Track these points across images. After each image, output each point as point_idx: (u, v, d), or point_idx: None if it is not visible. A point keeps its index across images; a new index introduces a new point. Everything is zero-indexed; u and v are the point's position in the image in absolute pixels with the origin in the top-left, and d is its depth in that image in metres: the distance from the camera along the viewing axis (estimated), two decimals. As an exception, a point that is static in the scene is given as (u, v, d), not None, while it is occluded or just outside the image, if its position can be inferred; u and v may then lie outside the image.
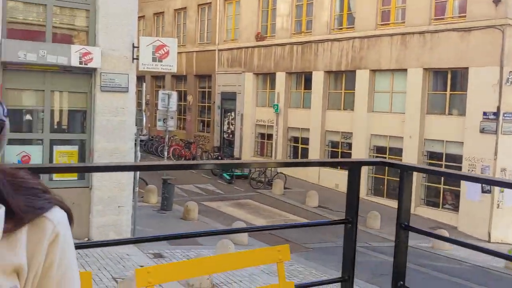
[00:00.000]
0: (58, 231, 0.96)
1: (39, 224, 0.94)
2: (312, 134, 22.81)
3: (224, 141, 27.51)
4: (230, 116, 27.19)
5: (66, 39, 11.30)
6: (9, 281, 0.89)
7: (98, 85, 10.78)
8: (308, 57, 23.10)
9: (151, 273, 2.02)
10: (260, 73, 25.72)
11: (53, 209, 0.97)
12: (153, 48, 11.37)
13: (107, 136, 10.90)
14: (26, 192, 0.95)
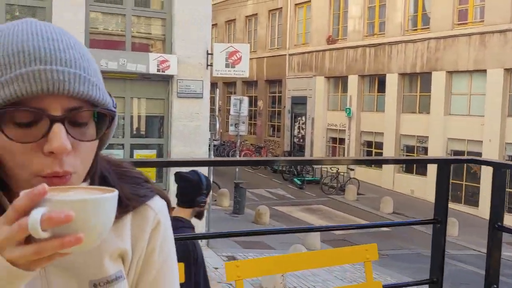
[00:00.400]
0: (159, 218, 0.98)
1: (142, 212, 0.96)
2: (386, 138, 22.28)
3: (295, 146, 27.44)
4: (301, 120, 27.10)
5: (144, 48, 11.74)
6: (115, 265, 0.92)
7: (174, 91, 11.11)
8: (381, 59, 22.63)
9: (240, 267, 2.04)
10: (331, 77, 25.48)
11: (155, 198, 0.99)
12: (226, 54, 11.57)
13: (183, 141, 11.19)
14: (130, 181, 0.98)
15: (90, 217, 0.69)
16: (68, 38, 0.81)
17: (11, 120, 0.77)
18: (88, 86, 0.79)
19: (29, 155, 0.77)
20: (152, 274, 0.97)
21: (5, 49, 0.78)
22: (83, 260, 0.88)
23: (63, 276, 0.87)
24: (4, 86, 0.75)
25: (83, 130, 0.82)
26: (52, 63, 0.76)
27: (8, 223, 0.68)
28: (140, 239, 0.95)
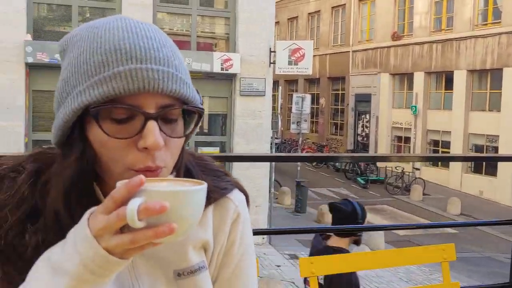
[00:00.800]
0: (240, 211, 1.00)
1: (223, 204, 0.99)
2: (453, 137, 21.47)
3: (358, 144, 26.99)
4: (365, 118, 26.62)
5: (208, 47, 11.89)
6: (198, 256, 0.95)
7: (237, 89, 11.18)
8: (449, 55, 21.83)
9: (314, 263, 2.01)
10: (396, 74, 24.86)
11: (234, 190, 1.02)
12: (289, 52, 11.52)
13: (246, 138, 11.25)
14: (211, 173, 1.01)
15: (183, 208, 0.72)
16: (160, 36, 0.85)
17: (108, 116, 0.80)
18: (180, 84, 0.82)
19: (124, 150, 0.81)
20: (231, 268, 0.99)
21: (102, 46, 0.80)
22: (168, 250, 0.91)
23: (149, 265, 0.91)
24: (103, 83, 0.78)
25: (173, 127, 0.85)
26: (147, 61, 0.79)
27: (105, 212, 0.72)
28: (221, 231, 0.98)
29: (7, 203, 0.85)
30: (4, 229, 0.84)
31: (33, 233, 0.84)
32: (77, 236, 0.74)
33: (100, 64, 0.80)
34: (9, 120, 10.37)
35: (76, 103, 0.81)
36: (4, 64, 10.28)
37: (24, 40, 10.29)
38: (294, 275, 9.23)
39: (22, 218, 0.84)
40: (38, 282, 0.75)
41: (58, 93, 0.87)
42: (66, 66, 0.86)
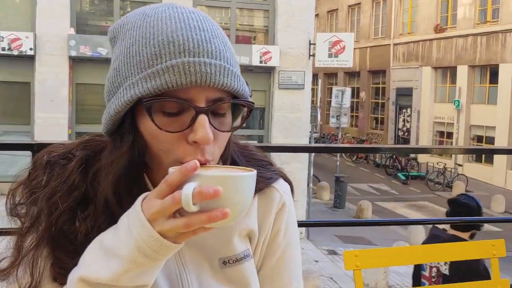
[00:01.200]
0: (285, 200, 1.01)
1: (268, 193, 1.00)
2: (498, 132, 20.79)
3: (399, 139, 26.51)
4: (406, 112, 26.11)
5: (247, 40, 11.86)
6: (243, 244, 0.96)
7: (276, 83, 11.11)
8: (494, 48, 21.13)
9: (358, 256, 1.95)
10: (439, 67, 24.26)
11: (279, 180, 1.02)
12: (329, 44, 11.36)
13: (284, 132, 11.18)
14: (256, 163, 1.01)
15: (235, 193, 0.73)
16: (212, 26, 0.84)
17: (160, 109, 0.81)
18: (231, 78, 0.82)
19: (174, 143, 0.82)
20: (275, 257, 1.00)
21: (155, 37, 0.80)
22: (214, 238, 0.93)
23: (194, 253, 0.92)
24: (156, 76, 0.79)
25: (222, 120, 0.85)
26: (200, 54, 0.79)
27: (159, 197, 0.73)
28: (266, 220, 0.99)
29: (58, 190, 0.87)
30: (55, 216, 0.85)
31: (83, 219, 0.85)
32: (130, 220, 0.75)
33: (153, 56, 0.80)
34: (53, 112, 10.63)
35: (129, 94, 0.81)
36: (48, 58, 10.53)
37: (67, 34, 10.50)
38: (333, 270, 9.13)
39: (72, 205, 0.86)
40: (91, 266, 0.77)
41: (109, 83, 0.87)
42: (118, 55, 0.85)
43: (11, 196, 0.91)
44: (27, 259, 0.85)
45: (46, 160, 0.91)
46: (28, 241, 0.87)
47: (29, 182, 0.91)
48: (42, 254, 0.86)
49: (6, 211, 0.91)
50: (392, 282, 8.91)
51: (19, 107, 11.15)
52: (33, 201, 0.88)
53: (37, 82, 10.60)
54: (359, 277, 1.98)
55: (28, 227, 0.87)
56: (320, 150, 5.90)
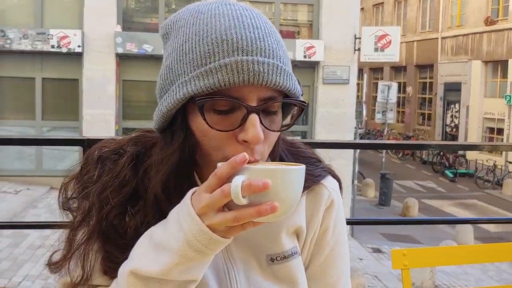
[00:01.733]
0: (333, 197, 1.00)
1: (316, 190, 0.99)
2: (553, 128, 19.97)
3: (447, 136, 25.85)
4: (454, 108, 25.40)
5: (290, 35, 11.78)
6: (291, 241, 0.95)
7: (320, 78, 10.99)
8: (549, 40, 20.27)
9: (406, 255, 1.89)
10: (489, 61, 23.46)
11: (328, 177, 1.02)
12: (375, 38, 11.14)
13: (328, 127, 11.05)
14: (304, 160, 0.99)
15: (284, 186, 0.72)
16: (265, 23, 0.84)
17: (211, 108, 0.81)
18: (284, 77, 0.81)
19: (225, 141, 0.82)
20: (324, 255, 0.99)
21: (209, 35, 0.80)
22: (261, 234, 0.93)
23: (242, 249, 0.93)
24: (208, 74, 0.79)
25: (273, 118, 0.85)
26: (253, 53, 0.79)
27: (208, 190, 0.73)
28: (314, 217, 0.98)
29: (109, 185, 0.88)
30: (105, 210, 0.87)
31: (133, 215, 0.87)
32: (180, 214, 0.76)
33: (206, 54, 0.79)
34: (101, 108, 10.88)
35: (181, 92, 0.81)
36: (96, 55, 10.77)
37: (114, 31, 10.70)
38: (377, 268, 8.97)
39: (123, 200, 0.87)
40: (141, 260, 0.78)
41: (161, 80, 0.87)
42: (170, 52, 0.85)
43: (63, 190, 0.94)
44: (79, 253, 0.87)
45: (98, 156, 0.93)
46: (79, 235, 0.89)
47: (81, 177, 0.93)
48: (93, 248, 0.87)
49: (58, 205, 0.94)
50: (439, 282, 8.69)
51: (68, 103, 11.47)
52: (84, 195, 0.90)
53: (85, 79, 10.86)
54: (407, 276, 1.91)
55: (79, 221, 0.89)
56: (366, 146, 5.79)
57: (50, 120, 11.42)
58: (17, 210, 9.05)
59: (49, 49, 10.65)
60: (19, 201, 9.63)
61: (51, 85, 11.37)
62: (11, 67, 11.07)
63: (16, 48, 10.58)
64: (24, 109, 11.36)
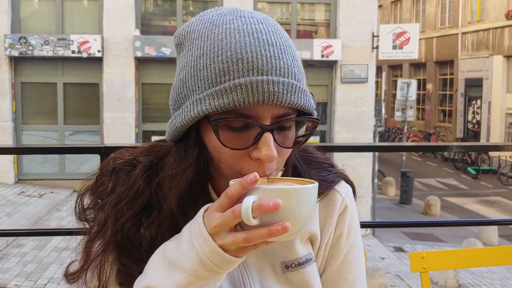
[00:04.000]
0: (347, 203, 1.00)
1: (330, 196, 1.00)
2: None
3: (468, 132, 25.46)
4: (475, 104, 25.02)
5: (308, 34, 11.75)
6: (305, 248, 0.95)
7: (338, 77, 10.95)
8: None
9: (425, 258, 1.88)
10: (511, 56, 23.05)
11: (341, 182, 1.02)
12: (393, 36, 11.06)
13: (347, 127, 11.00)
14: (317, 166, 1.01)
15: (296, 206, 0.72)
16: (281, 38, 0.83)
17: (225, 125, 0.81)
18: (299, 95, 0.81)
19: (238, 158, 0.82)
20: (339, 260, 0.99)
21: (224, 53, 0.80)
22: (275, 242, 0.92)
23: (256, 257, 0.93)
24: (223, 94, 0.79)
25: (286, 134, 0.86)
26: (268, 72, 0.79)
27: (220, 210, 0.74)
28: (328, 223, 0.98)
29: (124, 197, 0.89)
30: (121, 222, 0.88)
31: (147, 226, 0.87)
32: (193, 233, 0.76)
33: (220, 73, 0.79)
34: (121, 111, 10.99)
35: (196, 110, 0.81)
36: (115, 59, 10.89)
37: (133, 35, 10.81)
38: (399, 268, 8.90)
39: (137, 212, 0.88)
40: (156, 276, 0.78)
41: (175, 93, 0.87)
42: (184, 65, 0.85)
43: (79, 200, 0.95)
44: (95, 264, 0.89)
45: (112, 167, 0.94)
46: (95, 246, 0.90)
47: (96, 188, 0.94)
48: (109, 259, 0.89)
49: (75, 216, 0.95)
50: (463, 281, 8.58)
51: (88, 107, 11.63)
52: (100, 207, 0.91)
53: (105, 83, 11.00)
54: (426, 279, 1.90)
55: (96, 232, 0.90)
56: (384, 149, 5.74)
57: (72, 124, 11.60)
58: (41, 213, 9.21)
59: (69, 54, 10.81)
60: (43, 204, 9.79)
61: (73, 90, 11.54)
62: (33, 73, 11.27)
63: (37, 54, 10.77)
64: (47, 113, 11.55)
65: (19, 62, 11.15)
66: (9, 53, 10.71)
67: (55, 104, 11.43)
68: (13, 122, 11.22)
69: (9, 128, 11.07)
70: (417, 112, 24.46)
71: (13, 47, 10.67)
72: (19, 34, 10.81)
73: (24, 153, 8.58)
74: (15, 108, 11.26)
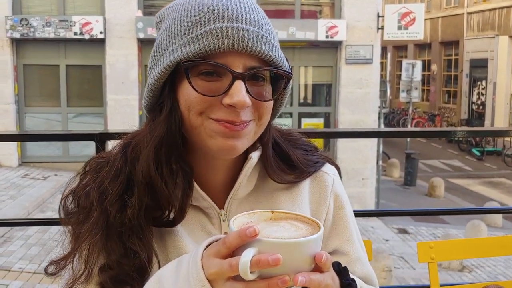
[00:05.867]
0: (338, 184, 1.04)
1: (319, 178, 1.02)
2: None
3: (473, 114, 25.33)
4: (480, 85, 24.84)
5: (312, 15, 11.62)
6: None
7: (343, 58, 10.84)
8: None
9: (433, 248, 1.85)
10: (517, 36, 22.82)
11: (326, 164, 1.05)
12: (399, 16, 10.92)
13: (352, 108, 10.93)
14: (301, 147, 1.03)
15: (297, 258, 0.70)
16: (253, 3, 0.88)
17: (197, 74, 0.83)
18: (269, 47, 0.84)
19: (210, 106, 0.84)
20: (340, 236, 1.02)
21: (197, 7, 0.84)
22: None
23: None
24: (195, 41, 0.82)
25: (261, 89, 0.87)
26: (238, 21, 0.82)
27: (218, 256, 0.73)
28: (322, 205, 1.01)
29: (106, 177, 0.91)
30: (107, 201, 0.88)
31: (132, 205, 0.87)
32: (190, 274, 0.74)
33: (192, 24, 0.83)
34: (124, 94, 10.94)
35: (168, 60, 0.84)
36: (118, 41, 10.80)
37: (135, 17, 10.71)
38: (403, 249, 8.91)
39: (120, 190, 0.89)
40: None
41: (151, 58, 0.91)
42: (161, 32, 0.90)
43: (63, 202, 0.94)
44: (84, 246, 0.89)
45: (96, 162, 0.96)
46: (83, 230, 0.89)
47: (79, 188, 0.94)
48: (97, 244, 0.88)
49: (59, 216, 0.95)
50: (467, 262, 8.58)
51: (92, 89, 11.57)
52: (86, 194, 0.91)
53: (108, 65, 10.93)
54: (434, 270, 1.87)
55: (83, 216, 0.90)
56: (387, 134, 5.67)
57: (75, 106, 11.56)
58: (45, 196, 9.23)
59: (71, 36, 10.73)
60: (47, 186, 9.81)
61: (75, 72, 11.48)
62: (35, 55, 11.20)
63: (39, 36, 10.68)
64: (50, 96, 11.51)
65: (20, 44, 11.07)
66: (11, 35, 10.63)
67: (58, 87, 11.38)
68: (16, 105, 11.18)
69: (11, 110, 11.04)
70: (422, 93, 24.31)
71: (14, 29, 10.59)
72: (20, 15, 10.72)
73: (18, 140, 8.53)
74: (17, 91, 11.21)
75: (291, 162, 0.99)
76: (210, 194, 0.94)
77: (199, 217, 0.95)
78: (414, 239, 9.50)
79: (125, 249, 0.86)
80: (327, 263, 0.73)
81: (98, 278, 0.88)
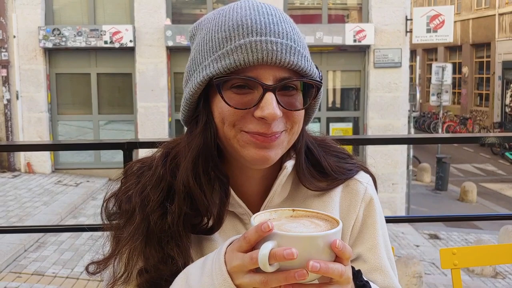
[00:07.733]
0: (370, 193, 1.02)
1: (351, 186, 1.02)
2: None
3: (506, 116, 24.76)
4: (514, 87, 24.29)
5: (340, 19, 11.57)
6: None
7: (371, 61, 10.76)
8: None
9: (456, 254, 1.83)
10: (552, 37, 22.24)
11: (360, 172, 1.04)
12: (427, 19, 10.77)
13: (380, 113, 10.83)
14: (335, 154, 1.04)
15: (315, 253, 0.71)
16: (281, 13, 0.90)
17: (229, 88, 0.86)
18: (298, 57, 0.86)
19: (242, 119, 0.87)
20: (366, 246, 1.01)
21: (226, 23, 0.87)
22: None
23: None
24: (225, 56, 0.85)
25: (292, 99, 0.88)
26: (267, 34, 0.84)
27: (240, 250, 0.75)
28: (352, 213, 1.01)
29: (148, 184, 0.94)
30: (149, 208, 0.92)
31: (172, 212, 0.91)
32: (213, 268, 0.78)
33: (223, 40, 0.86)
34: (154, 101, 11.09)
35: (201, 76, 0.88)
36: (147, 49, 10.97)
37: (164, 25, 10.85)
38: (434, 255, 8.75)
39: (162, 197, 0.92)
40: None
41: (186, 73, 0.95)
42: (195, 47, 0.94)
43: (105, 205, 0.99)
44: (125, 250, 0.93)
45: (138, 167, 1.00)
46: (125, 234, 0.93)
47: (121, 191, 0.98)
48: (137, 249, 0.92)
49: (102, 221, 1.00)
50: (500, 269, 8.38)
51: (122, 97, 11.77)
52: (127, 199, 0.95)
53: (138, 73, 11.10)
54: (458, 276, 1.84)
55: (125, 221, 0.94)
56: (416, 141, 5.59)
57: (106, 114, 11.76)
58: (77, 202, 9.41)
59: (102, 45, 10.94)
60: (79, 193, 10.00)
61: (106, 80, 11.69)
62: (67, 64, 11.46)
63: (71, 45, 10.93)
64: (81, 104, 11.75)
65: (53, 53, 11.35)
66: (44, 45, 10.91)
67: (89, 94, 11.60)
68: (49, 113, 11.45)
69: (45, 119, 11.31)
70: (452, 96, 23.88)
71: (47, 39, 10.86)
72: (53, 26, 10.99)
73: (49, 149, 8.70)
74: (50, 99, 11.48)
75: (322, 169, 1.01)
76: (246, 201, 0.98)
77: (234, 223, 0.99)
78: (446, 245, 9.33)
79: (163, 255, 0.89)
80: (345, 252, 0.73)
81: (137, 281, 0.92)
